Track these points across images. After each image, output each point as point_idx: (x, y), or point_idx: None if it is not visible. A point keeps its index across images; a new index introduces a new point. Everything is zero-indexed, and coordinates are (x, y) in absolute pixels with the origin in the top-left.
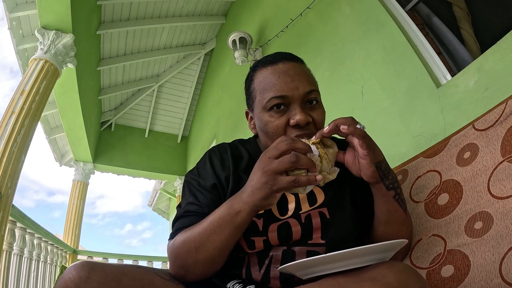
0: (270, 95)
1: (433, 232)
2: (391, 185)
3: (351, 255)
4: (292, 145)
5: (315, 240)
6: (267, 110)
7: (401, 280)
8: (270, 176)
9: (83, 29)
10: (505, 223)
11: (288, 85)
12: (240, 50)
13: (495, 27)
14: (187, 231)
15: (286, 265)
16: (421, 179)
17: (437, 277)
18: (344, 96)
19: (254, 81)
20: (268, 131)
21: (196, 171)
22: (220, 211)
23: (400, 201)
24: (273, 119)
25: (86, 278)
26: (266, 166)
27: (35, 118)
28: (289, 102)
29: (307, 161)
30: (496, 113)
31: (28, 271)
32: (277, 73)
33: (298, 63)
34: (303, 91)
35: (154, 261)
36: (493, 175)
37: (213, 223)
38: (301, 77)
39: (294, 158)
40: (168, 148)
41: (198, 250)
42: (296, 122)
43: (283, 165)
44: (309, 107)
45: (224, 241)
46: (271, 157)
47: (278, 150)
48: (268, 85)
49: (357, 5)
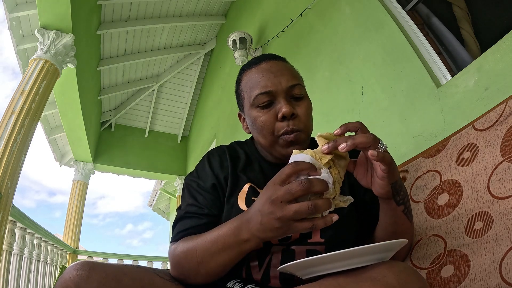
0: (256, 92)
1: (433, 232)
2: (401, 201)
3: (351, 254)
4: (309, 190)
5: (314, 239)
6: (255, 107)
7: (401, 280)
8: (284, 223)
9: (83, 29)
10: (505, 223)
11: (271, 80)
12: (240, 50)
13: (495, 27)
14: (189, 241)
15: (286, 265)
16: (421, 179)
17: (437, 277)
18: (344, 96)
19: (242, 83)
20: (257, 126)
21: (195, 173)
22: (225, 233)
23: (408, 214)
24: (261, 114)
25: (87, 277)
26: (278, 212)
27: (35, 118)
28: (274, 96)
29: (325, 207)
30: (496, 113)
31: (28, 271)
32: (261, 72)
33: (280, 61)
34: (286, 85)
35: (154, 261)
36: (493, 175)
37: (218, 244)
38: (284, 72)
39: (313, 210)
40: (168, 148)
41: (200, 264)
42: (283, 114)
43: (300, 215)
44: (294, 100)
45: (228, 261)
46: (284, 201)
47: (292, 195)
48: (254, 84)
49: (357, 5)
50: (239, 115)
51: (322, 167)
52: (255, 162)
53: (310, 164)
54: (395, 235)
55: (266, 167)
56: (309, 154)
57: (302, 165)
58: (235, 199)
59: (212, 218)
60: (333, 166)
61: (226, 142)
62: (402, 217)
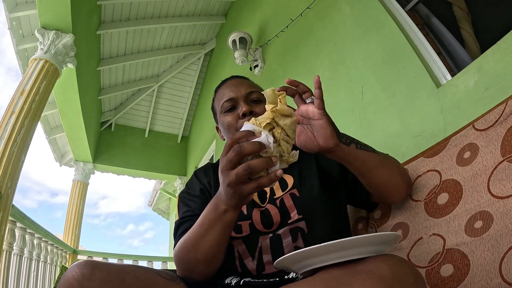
0: (222, 101)
1: (433, 232)
2: (348, 140)
3: (346, 245)
4: (242, 154)
5: (293, 217)
6: (223, 113)
7: (396, 273)
8: (233, 187)
9: (83, 29)
10: (505, 222)
11: (233, 90)
12: (240, 50)
13: (495, 27)
14: (184, 236)
15: (280, 258)
16: (421, 178)
17: (437, 277)
18: (344, 96)
19: (214, 99)
20: (225, 128)
21: (186, 188)
22: (207, 213)
23: (364, 147)
24: (227, 117)
25: (90, 275)
26: (226, 179)
27: (35, 118)
28: (236, 102)
29: (262, 166)
30: (496, 113)
31: (28, 271)
32: (227, 87)
33: (242, 78)
34: (245, 92)
35: (154, 261)
36: (493, 175)
37: (204, 224)
38: (243, 83)
39: (248, 170)
40: (168, 148)
41: (196, 251)
42: (243, 112)
43: (241, 178)
44: (253, 103)
45: (218, 238)
46: (228, 169)
47: (231, 162)
48: (221, 96)
49: (357, 5)
50: (216, 128)
51: (262, 130)
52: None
53: (246, 131)
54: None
55: None
56: (251, 122)
57: (239, 133)
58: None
59: None
60: (276, 126)
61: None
62: (362, 153)
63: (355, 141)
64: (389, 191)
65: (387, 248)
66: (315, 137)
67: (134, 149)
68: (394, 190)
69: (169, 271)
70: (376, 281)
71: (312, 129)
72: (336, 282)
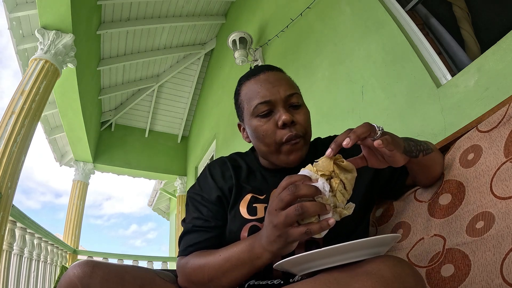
0: (255, 102)
1: (435, 232)
2: (415, 152)
3: (345, 249)
4: (296, 194)
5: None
6: (255, 117)
7: (396, 274)
8: (281, 230)
9: (83, 29)
10: (507, 222)
11: (270, 90)
12: (240, 50)
13: (495, 27)
14: (200, 257)
15: (281, 261)
16: None
17: (438, 277)
18: (344, 96)
19: (241, 94)
20: (259, 135)
21: (198, 186)
22: (239, 251)
23: (428, 151)
24: (262, 123)
25: (90, 273)
26: (274, 220)
27: (35, 118)
28: (273, 105)
29: (315, 209)
30: (499, 114)
31: (28, 271)
32: (259, 82)
33: (277, 71)
34: (284, 94)
35: (154, 261)
36: (496, 176)
37: (231, 261)
38: (281, 82)
39: (300, 211)
40: (168, 148)
41: (211, 281)
42: (283, 122)
43: (290, 219)
44: (292, 109)
45: (239, 278)
46: (277, 209)
47: (282, 202)
48: (253, 94)
49: (357, 5)
50: (238, 125)
51: (319, 177)
52: (256, 171)
53: (303, 176)
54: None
55: (267, 175)
56: (308, 168)
57: (295, 177)
58: (238, 208)
59: (218, 230)
60: (334, 177)
61: (226, 142)
62: (426, 158)
63: (421, 148)
64: (436, 176)
65: (386, 249)
66: (385, 160)
67: (134, 149)
68: (439, 175)
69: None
70: (376, 282)
71: (382, 155)
72: (336, 283)
